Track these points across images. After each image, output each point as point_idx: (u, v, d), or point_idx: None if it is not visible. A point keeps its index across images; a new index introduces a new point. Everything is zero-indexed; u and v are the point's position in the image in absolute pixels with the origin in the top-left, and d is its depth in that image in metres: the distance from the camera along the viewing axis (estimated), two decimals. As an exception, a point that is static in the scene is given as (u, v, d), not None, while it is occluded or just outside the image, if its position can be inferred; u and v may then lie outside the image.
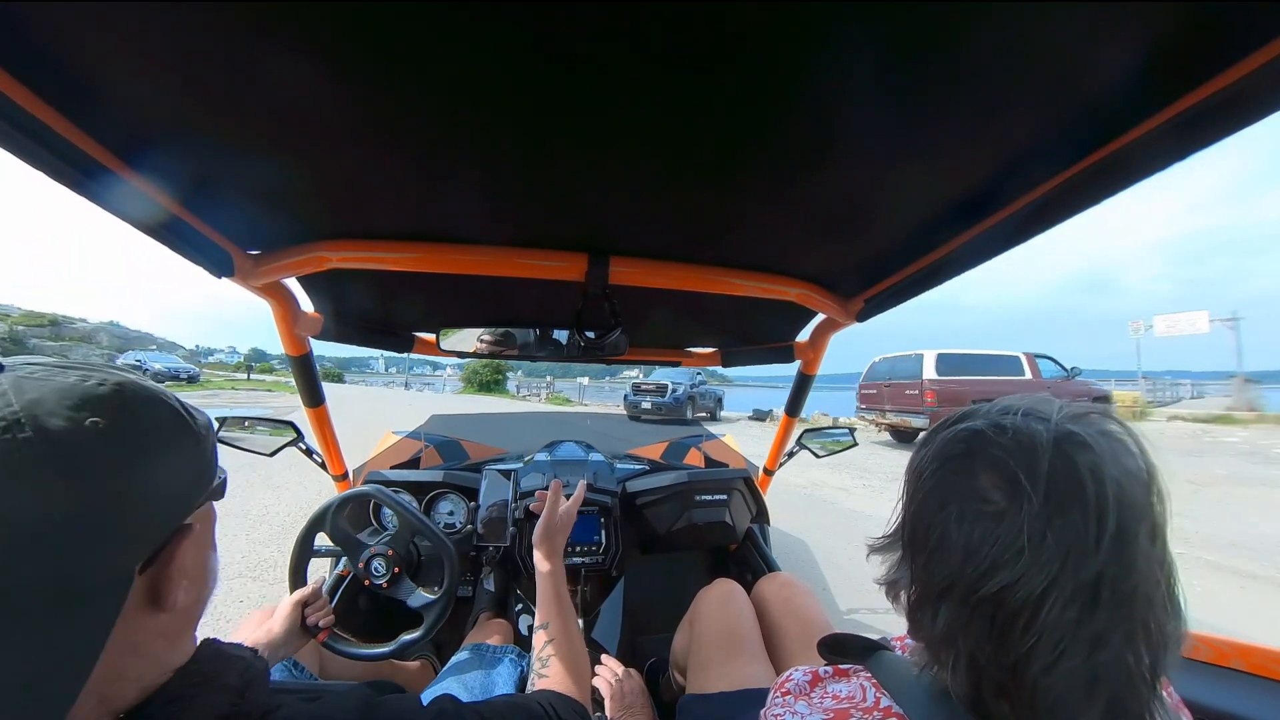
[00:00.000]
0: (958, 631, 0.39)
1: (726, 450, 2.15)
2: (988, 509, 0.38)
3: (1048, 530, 0.36)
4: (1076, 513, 0.36)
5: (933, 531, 0.42)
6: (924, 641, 0.44)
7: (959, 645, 0.39)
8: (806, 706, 0.49)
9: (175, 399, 0.38)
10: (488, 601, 1.51)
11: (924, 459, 0.45)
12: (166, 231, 0.70)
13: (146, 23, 0.43)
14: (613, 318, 0.99)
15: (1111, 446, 0.38)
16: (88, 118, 0.54)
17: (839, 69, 0.46)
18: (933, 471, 0.44)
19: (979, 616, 0.38)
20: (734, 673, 0.95)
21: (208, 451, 0.40)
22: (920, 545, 0.43)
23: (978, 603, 0.38)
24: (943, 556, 0.40)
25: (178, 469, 0.36)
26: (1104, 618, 0.35)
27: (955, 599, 0.39)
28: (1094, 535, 0.35)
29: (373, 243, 0.87)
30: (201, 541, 0.40)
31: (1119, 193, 0.55)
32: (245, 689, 0.39)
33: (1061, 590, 0.35)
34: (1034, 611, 0.35)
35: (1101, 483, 0.36)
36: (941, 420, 0.47)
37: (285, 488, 4.56)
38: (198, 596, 0.39)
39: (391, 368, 57.26)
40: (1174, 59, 0.44)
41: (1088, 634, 0.35)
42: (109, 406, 0.32)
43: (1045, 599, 0.35)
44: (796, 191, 0.69)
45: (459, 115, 0.54)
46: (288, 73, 0.48)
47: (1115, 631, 0.35)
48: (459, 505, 1.50)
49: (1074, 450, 0.37)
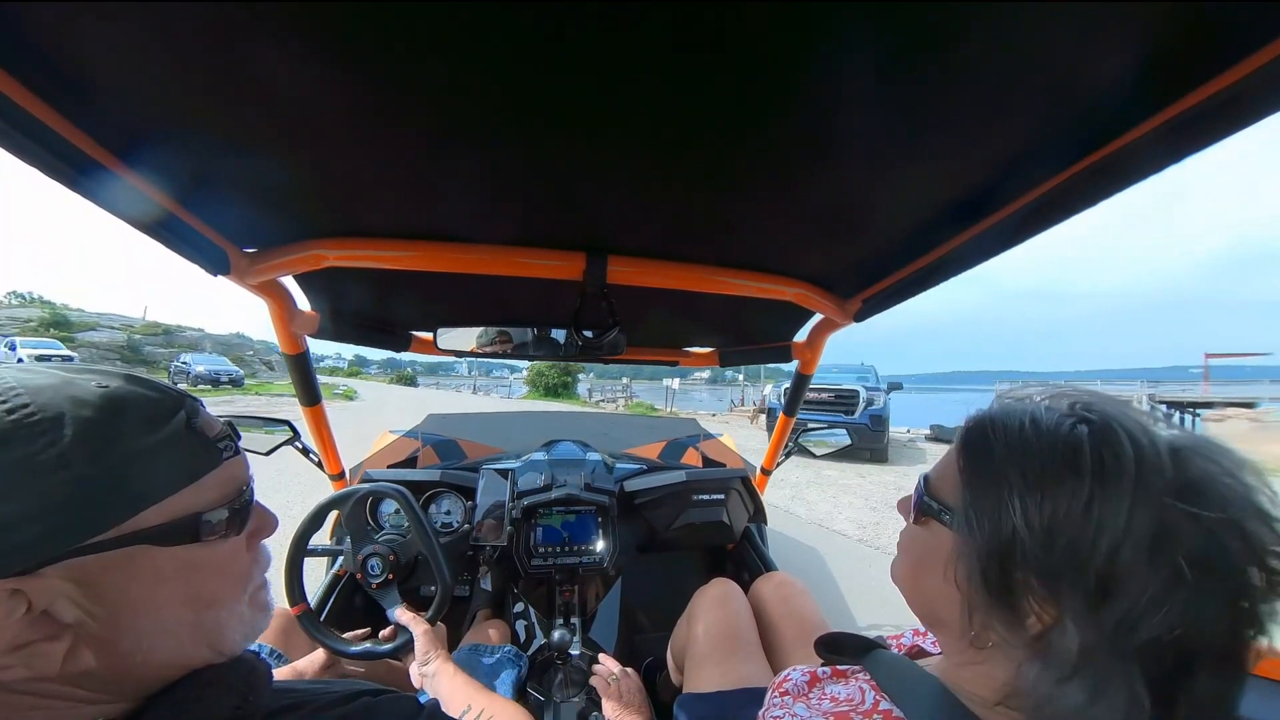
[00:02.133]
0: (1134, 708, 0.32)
1: (724, 450, 2.15)
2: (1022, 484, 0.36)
3: (1089, 508, 0.34)
4: (1111, 494, 0.34)
5: (983, 502, 0.38)
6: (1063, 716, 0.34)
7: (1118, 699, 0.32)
8: (805, 709, 0.49)
9: (158, 401, 0.35)
10: (485, 601, 1.51)
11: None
12: (163, 229, 0.70)
13: (142, 19, 0.42)
14: (610, 317, 0.99)
15: (1157, 433, 0.36)
16: (83, 114, 0.53)
17: (837, 69, 0.47)
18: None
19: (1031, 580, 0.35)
20: (731, 672, 0.95)
21: (89, 482, 0.31)
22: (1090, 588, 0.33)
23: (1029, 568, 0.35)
24: (996, 526, 0.36)
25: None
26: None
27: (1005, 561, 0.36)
28: (1138, 517, 0.33)
29: (369, 241, 0.87)
30: (107, 596, 0.32)
31: (1116, 194, 0.56)
32: (249, 691, 0.39)
33: (1103, 570, 0.33)
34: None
35: (1127, 465, 0.34)
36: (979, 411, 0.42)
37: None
38: (111, 663, 0.33)
39: (474, 370, 56.76)
40: (1171, 61, 0.44)
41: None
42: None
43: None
44: (794, 191, 0.69)
45: (456, 113, 0.54)
46: (284, 69, 0.48)
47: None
48: (456, 505, 1.49)
49: (1108, 435, 0.35)
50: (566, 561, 1.37)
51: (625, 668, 1.01)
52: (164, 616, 0.35)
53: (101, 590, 0.32)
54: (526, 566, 1.36)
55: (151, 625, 0.34)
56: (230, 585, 0.40)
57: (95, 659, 0.32)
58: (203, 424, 0.38)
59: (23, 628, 0.30)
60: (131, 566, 0.33)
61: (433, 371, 43.80)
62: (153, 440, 0.34)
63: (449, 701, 0.76)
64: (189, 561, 0.36)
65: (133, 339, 30.18)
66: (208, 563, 0.37)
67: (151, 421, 0.34)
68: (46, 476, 0.29)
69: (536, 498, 1.42)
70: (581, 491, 1.43)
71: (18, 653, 0.30)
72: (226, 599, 0.39)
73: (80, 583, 0.31)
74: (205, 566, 0.37)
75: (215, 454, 0.38)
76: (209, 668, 0.38)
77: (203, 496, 0.36)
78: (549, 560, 1.37)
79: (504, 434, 2.17)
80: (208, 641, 0.38)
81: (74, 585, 0.31)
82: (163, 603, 0.35)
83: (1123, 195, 0.55)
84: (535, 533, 1.39)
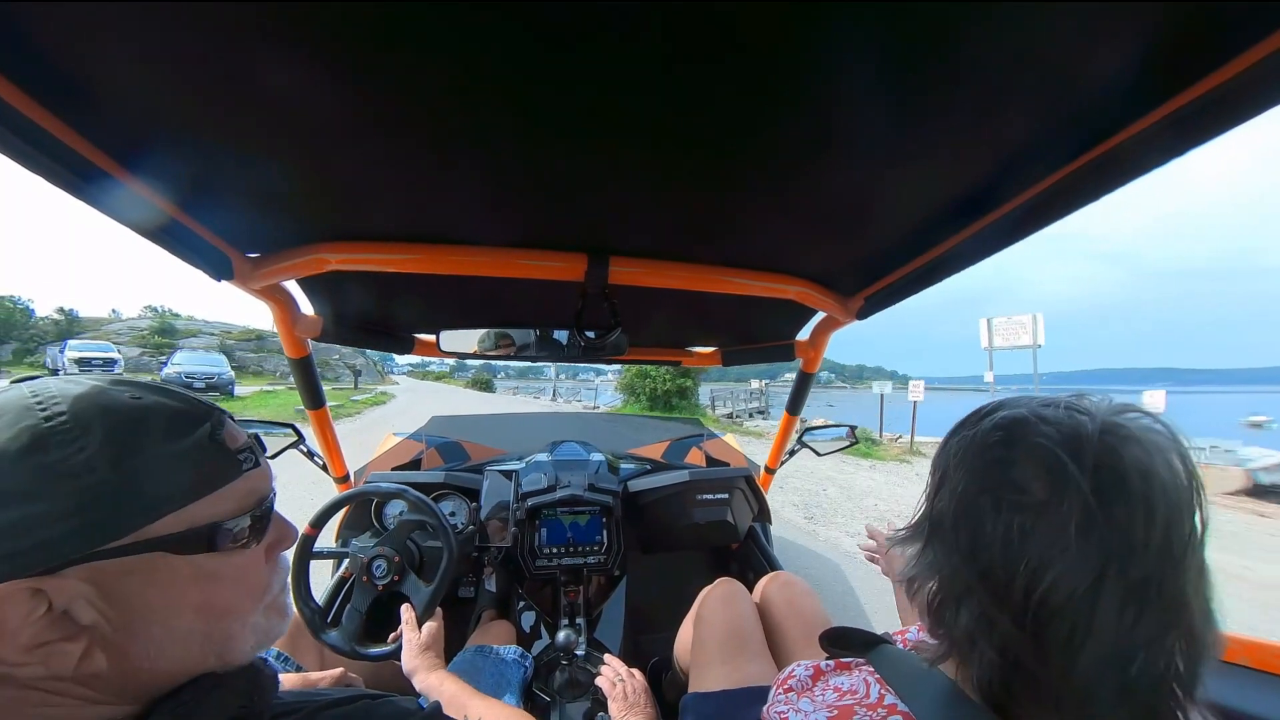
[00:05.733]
0: (984, 629, 0.37)
1: (727, 449, 2.15)
2: (1026, 500, 0.36)
3: (1093, 524, 0.34)
4: (1122, 508, 0.34)
5: (963, 523, 0.39)
6: (944, 638, 0.42)
7: (985, 643, 0.38)
8: (810, 704, 0.49)
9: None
10: (490, 602, 1.51)
11: (955, 446, 0.43)
12: (166, 235, 0.70)
13: (143, 25, 0.43)
14: (612, 318, 0.99)
15: (1157, 442, 0.36)
16: (85, 121, 0.54)
17: (837, 68, 0.47)
18: (966, 460, 0.41)
19: (1012, 613, 0.36)
20: (736, 671, 0.95)
21: (110, 486, 0.32)
22: (947, 538, 0.41)
23: (1012, 599, 0.36)
24: (974, 550, 0.38)
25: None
26: (1153, 621, 0.33)
27: (985, 594, 0.37)
28: (1142, 533, 0.33)
29: (372, 244, 0.87)
30: (122, 600, 0.33)
31: (1117, 189, 0.56)
32: (254, 694, 0.40)
33: (1112, 590, 0.33)
34: (1082, 611, 0.34)
35: (1149, 478, 0.34)
36: (974, 411, 0.44)
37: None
38: (126, 665, 0.34)
39: (562, 374, 54.21)
40: (1169, 57, 0.44)
41: (1141, 637, 0.33)
42: None
43: (1096, 598, 0.33)
44: (796, 190, 0.69)
45: (457, 116, 0.54)
46: (285, 74, 0.48)
47: (1165, 636, 0.33)
48: (461, 506, 1.50)
49: (1119, 443, 0.35)
50: (571, 562, 1.37)
51: (631, 668, 1.01)
52: (176, 624, 0.36)
53: (118, 594, 0.33)
54: (531, 567, 1.36)
55: (163, 632, 0.35)
56: (245, 596, 0.40)
57: (107, 662, 0.33)
58: (226, 436, 0.39)
59: (43, 627, 0.31)
60: (149, 572, 0.34)
61: (523, 375, 42.19)
62: (174, 449, 0.35)
63: (450, 707, 0.77)
64: (206, 571, 0.37)
65: (225, 344, 31.36)
66: (224, 573, 0.38)
67: (175, 432, 0.36)
68: (73, 480, 0.31)
69: (540, 499, 1.42)
70: (585, 492, 1.44)
71: (36, 651, 0.31)
72: (240, 610, 0.40)
73: (99, 586, 0.32)
74: (222, 576, 0.38)
75: (236, 465, 0.39)
76: (212, 674, 0.38)
77: (221, 506, 0.37)
78: (553, 561, 1.37)
79: (508, 435, 2.17)
80: (216, 651, 0.38)
81: (93, 588, 0.32)
82: (177, 610, 0.36)
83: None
84: (539, 534, 1.39)
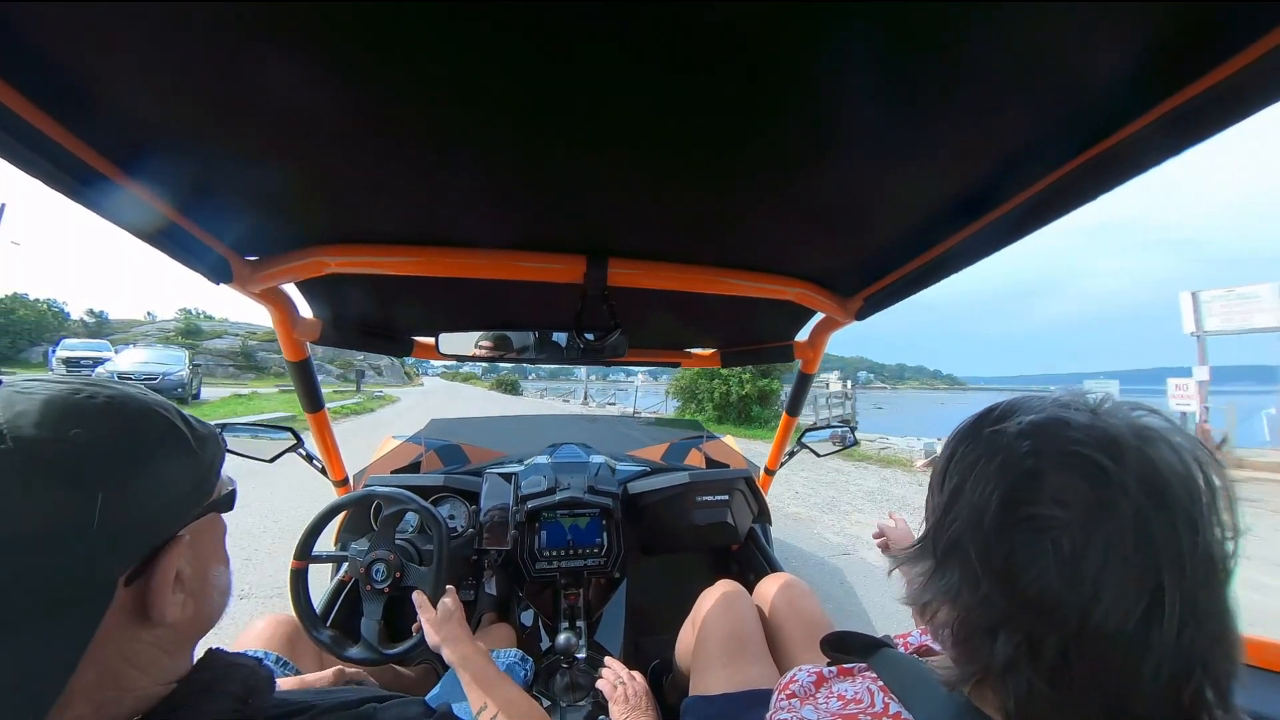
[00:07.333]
0: (1028, 657, 0.33)
1: (727, 451, 2.15)
2: (1070, 515, 0.32)
3: (1148, 536, 0.31)
4: (1166, 514, 0.31)
5: (994, 545, 0.35)
6: (975, 666, 0.37)
7: (1031, 671, 0.33)
8: (813, 711, 0.48)
9: (174, 410, 0.39)
10: (490, 604, 1.51)
11: (968, 456, 0.38)
12: (164, 238, 0.70)
13: (142, 29, 0.43)
14: (612, 319, 0.99)
15: (1182, 444, 0.33)
16: (84, 125, 0.54)
17: (836, 69, 0.47)
18: (987, 472, 0.36)
19: (1062, 640, 0.32)
20: (737, 674, 0.95)
21: (205, 463, 0.40)
22: (970, 561, 0.36)
23: (1066, 625, 0.32)
24: (1010, 574, 0.34)
25: (167, 480, 0.36)
26: (1204, 635, 0.31)
27: (1031, 621, 0.33)
28: (1188, 541, 0.31)
29: (371, 247, 0.87)
30: (200, 554, 0.40)
31: (1115, 188, 0.56)
32: (248, 695, 0.39)
33: (1170, 604, 0.30)
34: (1139, 630, 0.30)
35: (1187, 482, 0.32)
36: (980, 416, 0.40)
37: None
38: (196, 611, 0.39)
39: (592, 375, 52.17)
40: (1167, 56, 0.44)
41: (1196, 654, 0.30)
42: (94, 417, 0.33)
43: (1153, 615, 0.30)
44: (794, 191, 0.69)
45: (456, 119, 0.54)
46: (284, 78, 0.48)
47: (1214, 649, 0.31)
48: (460, 509, 1.49)
49: (1149, 447, 0.32)
50: (571, 564, 1.37)
51: (631, 670, 1.01)
52: (220, 573, 0.43)
53: (199, 548, 0.40)
54: (531, 570, 1.36)
55: (216, 580, 0.42)
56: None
57: (193, 610, 0.39)
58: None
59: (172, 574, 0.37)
60: (212, 529, 0.42)
61: (553, 376, 40.56)
62: (209, 431, 0.43)
63: (478, 681, 0.78)
64: (224, 528, 0.45)
65: (247, 345, 31.69)
66: (223, 529, 0.45)
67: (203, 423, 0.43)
68: (189, 458, 0.39)
69: (540, 501, 1.42)
70: (585, 494, 1.43)
71: (175, 596, 0.37)
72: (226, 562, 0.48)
73: (190, 545, 0.38)
74: (223, 532, 0.45)
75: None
76: (206, 671, 0.40)
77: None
78: (553, 563, 1.36)
79: (507, 438, 2.17)
80: (226, 600, 0.45)
81: (189, 546, 0.38)
82: (218, 561, 0.43)
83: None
84: (539, 536, 1.39)
